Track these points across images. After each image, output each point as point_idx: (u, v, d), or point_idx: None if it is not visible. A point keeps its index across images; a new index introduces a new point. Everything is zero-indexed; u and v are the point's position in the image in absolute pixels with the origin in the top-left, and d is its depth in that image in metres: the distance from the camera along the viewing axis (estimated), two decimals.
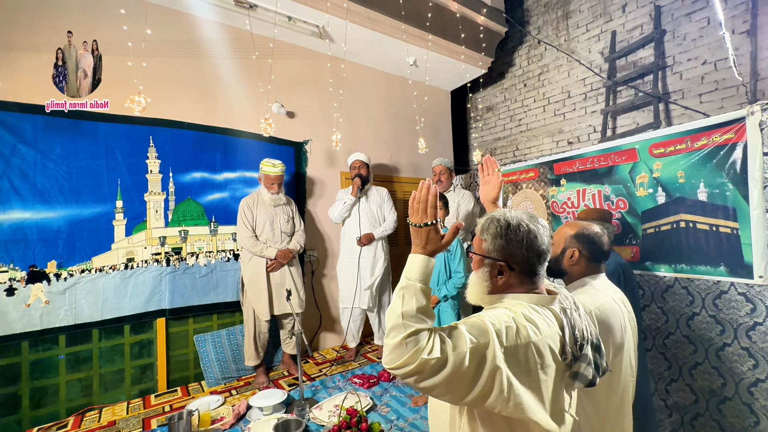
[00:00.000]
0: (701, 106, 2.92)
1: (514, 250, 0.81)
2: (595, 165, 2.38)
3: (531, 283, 0.83)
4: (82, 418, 2.17)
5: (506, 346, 0.70)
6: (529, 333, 0.73)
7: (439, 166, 3.04)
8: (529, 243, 0.81)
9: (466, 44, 3.56)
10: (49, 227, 2.22)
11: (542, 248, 0.82)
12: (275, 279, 2.60)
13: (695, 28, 2.94)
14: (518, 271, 0.82)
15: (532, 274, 0.83)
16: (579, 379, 0.80)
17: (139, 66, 2.22)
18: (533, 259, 0.81)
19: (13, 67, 2.15)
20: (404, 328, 0.70)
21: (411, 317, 0.71)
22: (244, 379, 2.65)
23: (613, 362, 1.08)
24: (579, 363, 0.80)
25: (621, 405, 1.10)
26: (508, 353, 0.69)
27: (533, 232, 0.82)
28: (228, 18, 2.81)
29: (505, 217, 0.84)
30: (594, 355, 0.82)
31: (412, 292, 0.75)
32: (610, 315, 1.09)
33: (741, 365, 1.70)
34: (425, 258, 0.79)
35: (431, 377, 0.67)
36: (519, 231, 0.81)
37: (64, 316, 2.23)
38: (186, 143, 2.67)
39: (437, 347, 0.68)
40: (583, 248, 1.21)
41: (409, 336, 0.69)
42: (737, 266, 1.75)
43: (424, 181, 0.83)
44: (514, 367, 0.70)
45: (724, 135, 1.80)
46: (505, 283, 0.83)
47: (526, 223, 0.82)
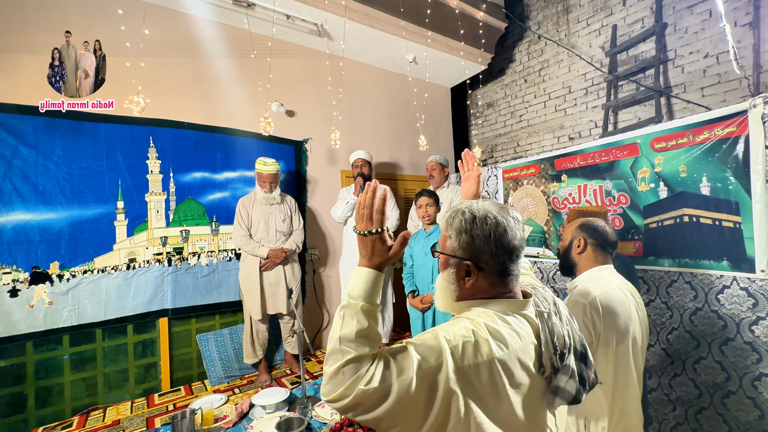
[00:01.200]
0: (703, 100, 2.90)
1: (481, 246, 0.70)
2: (596, 160, 2.36)
3: (503, 285, 0.72)
4: (87, 418, 2.18)
5: (464, 365, 0.61)
6: (491, 348, 0.63)
7: (432, 162, 3.04)
8: (497, 238, 0.70)
9: (466, 40, 3.54)
10: (51, 228, 2.23)
11: (513, 243, 0.71)
12: (269, 278, 2.60)
13: (697, 21, 2.92)
14: (488, 272, 0.71)
15: (504, 275, 0.72)
16: (560, 395, 0.70)
17: (138, 66, 2.23)
18: (504, 257, 0.70)
19: (13, 68, 2.16)
20: (341, 354, 0.61)
21: (349, 342, 0.62)
22: (247, 377, 2.66)
23: (618, 348, 1.10)
24: (560, 376, 0.70)
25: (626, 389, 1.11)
26: (465, 374, 0.60)
27: (502, 224, 0.70)
28: (226, 17, 2.80)
29: (471, 209, 0.73)
30: (578, 365, 0.72)
31: (353, 313, 0.65)
32: (615, 302, 1.11)
33: (744, 359, 1.69)
34: (371, 272, 0.68)
35: (373, 410, 0.58)
36: (486, 224, 0.70)
37: (68, 317, 2.24)
38: (186, 143, 2.68)
39: (378, 375, 0.59)
40: (588, 236, 1.25)
41: (347, 363, 0.60)
42: (740, 260, 1.74)
43: (370, 184, 0.72)
44: (476, 390, 0.61)
45: (726, 128, 1.79)
46: (473, 286, 0.72)
47: (494, 215, 0.71)
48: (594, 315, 1.07)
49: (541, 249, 2.73)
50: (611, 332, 1.09)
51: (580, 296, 1.12)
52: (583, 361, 0.73)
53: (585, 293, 1.12)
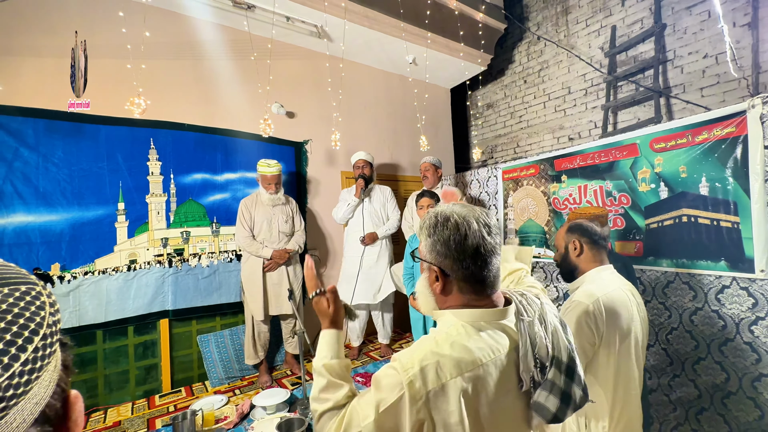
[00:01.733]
0: (703, 100, 2.90)
1: (442, 250, 0.68)
2: (596, 161, 2.37)
3: (472, 291, 0.68)
4: (88, 419, 2.18)
5: (428, 390, 0.58)
6: (457, 366, 0.60)
7: (425, 163, 3.05)
8: (457, 242, 0.66)
9: (465, 41, 3.55)
10: (52, 230, 2.23)
11: (475, 247, 0.66)
12: (272, 279, 2.60)
13: (696, 22, 2.92)
14: (454, 277, 0.68)
15: (472, 281, 0.68)
16: (538, 412, 0.64)
17: (139, 68, 2.23)
18: (467, 262, 0.66)
19: (13, 71, 2.17)
20: (314, 413, 0.72)
21: (314, 401, 0.72)
22: (248, 378, 2.66)
23: (620, 348, 1.11)
24: (540, 391, 0.65)
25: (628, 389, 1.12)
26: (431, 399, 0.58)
27: (463, 228, 0.66)
28: (226, 19, 2.81)
29: (437, 212, 0.71)
30: (563, 380, 0.66)
31: (317, 374, 0.75)
32: (617, 302, 1.13)
33: (744, 360, 1.69)
34: (327, 332, 0.81)
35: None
36: (446, 228, 0.68)
37: (69, 318, 2.24)
38: (186, 145, 2.68)
39: (343, 425, 0.64)
40: (580, 236, 1.28)
41: (318, 419, 0.70)
42: (738, 261, 1.74)
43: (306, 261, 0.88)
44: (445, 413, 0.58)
45: (725, 129, 1.79)
46: (443, 290, 0.70)
47: (456, 219, 0.68)
48: (597, 316, 1.08)
49: (542, 249, 2.73)
50: (614, 333, 1.10)
51: (583, 297, 1.13)
52: (569, 376, 0.67)
53: (588, 295, 1.13)
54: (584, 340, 1.08)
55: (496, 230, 0.70)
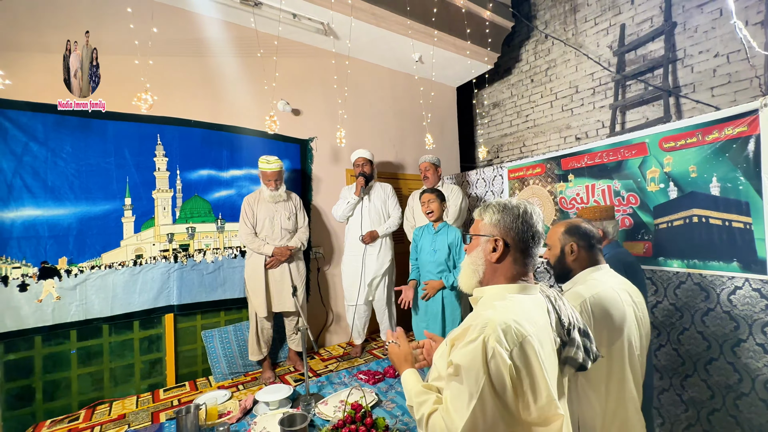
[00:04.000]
0: (713, 100, 2.86)
1: (510, 223, 0.85)
2: (604, 160, 2.34)
3: (523, 264, 0.86)
4: (93, 411, 2.21)
5: (511, 348, 0.71)
6: (525, 327, 0.74)
7: (425, 162, 3.02)
8: (525, 219, 0.85)
9: (472, 40, 3.53)
10: (59, 224, 2.25)
11: (537, 227, 0.86)
12: (274, 276, 2.60)
13: (707, 20, 2.88)
14: (513, 248, 0.85)
15: (526, 254, 0.85)
16: (569, 363, 0.82)
17: (146, 64, 2.25)
18: (528, 236, 0.85)
19: (23, 66, 2.19)
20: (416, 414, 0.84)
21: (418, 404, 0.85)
22: (251, 374, 2.67)
23: (611, 349, 1.08)
24: (568, 348, 0.82)
25: (621, 392, 1.09)
26: (515, 355, 0.71)
27: (529, 211, 0.86)
28: (233, 16, 2.82)
29: (505, 199, 0.91)
30: (583, 340, 0.84)
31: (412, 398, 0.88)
32: (607, 303, 1.10)
33: (757, 361, 1.66)
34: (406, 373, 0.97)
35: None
36: (517, 208, 0.87)
37: (75, 312, 2.27)
38: (193, 141, 2.70)
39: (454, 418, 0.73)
40: (578, 239, 1.26)
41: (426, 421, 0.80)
42: (750, 262, 1.71)
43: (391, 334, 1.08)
44: (525, 365, 0.71)
45: (737, 128, 1.76)
46: (498, 260, 0.86)
47: (524, 204, 0.88)
48: (585, 318, 1.06)
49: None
50: (603, 334, 1.07)
51: (571, 299, 1.10)
52: (586, 337, 0.85)
53: (576, 296, 1.11)
54: None
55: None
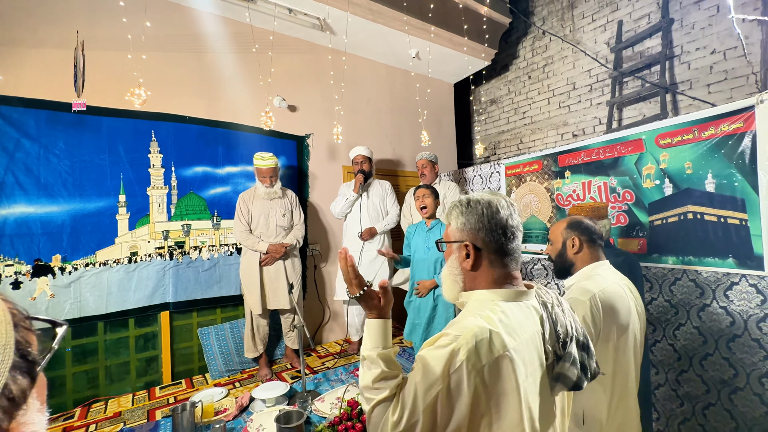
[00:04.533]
0: (710, 97, 2.86)
1: (475, 224, 0.77)
2: (601, 156, 2.34)
3: (501, 265, 0.76)
4: (89, 410, 2.19)
5: (483, 365, 0.63)
6: (505, 341, 0.66)
7: (422, 159, 3.01)
8: (489, 216, 0.76)
9: (469, 36, 3.51)
10: (53, 221, 2.23)
11: (505, 221, 0.76)
12: (269, 273, 2.59)
13: (704, 17, 2.88)
14: (485, 250, 0.76)
15: (502, 254, 0.76)
16: (561, 381, 0.72)
17: (139, 59, 2.22)
18: (498, 234, 0.75)
19: (15, 61, 2.16)
20: (366, 402, 0.71)
21: (369, 389, 0.71)
22: (248, 371, 2.67)
23: (618, 342, 1.10)
24: (562, 363, 0.73)
25: (626, 384, 1.12)
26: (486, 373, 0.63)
27: (493, 204, 0.77)
28: (227, 11, 2.79)
29: (467, 196, 0.81)
30: (580, 354, 0.75)
31: (368, 363, 0.74)
32: (614, 297, 1.12)
33: (752, 356, 1.68)
34: (377, 322, 0.78)
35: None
36: (478, 205, 0.78)
37: (70, 310, 2.25)
38: (188, 137, 2.67)
39: (403, 414, 0.65)
40: (579, 234, 1.27)
41: (372, 409, 0.69)
42: (746, 258, 1.72)
43: (341, 253, 0.81)
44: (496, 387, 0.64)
45: (733, 124, 1.76)
46: (474, 267, 0.77)
47: (487, 198, 0.78)
48: (594, 312, 1.07)
49: (544, 246, 2.71)
50: (612, 328, 1.09)
51: (579, 294, 1.11)
52: (585, 351, 0.76)
53: (584, 291, 1.11)
54: None
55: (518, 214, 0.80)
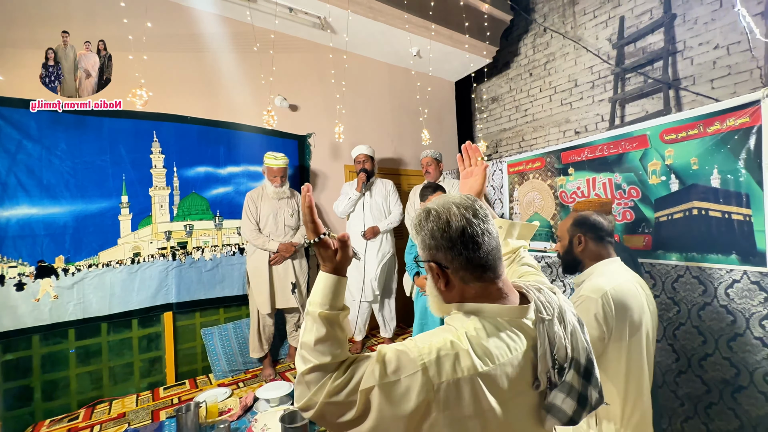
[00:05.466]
0: (713, 92, 2.84)
1: (430, 242, 0.67)
2: (605, 153, 2.33)
3: (477, 278, 0.65)
4: (93, 410, 2.20)
5: (441, 381, 0.55)
6: (473, 362, 0.57)
7: (426, 157, 3.00)
8: (442, 231, 0.65)
9: (470, 33, 3.50)
10: (55, 222, 2.23)
11: (461, 232, 0.64)
12: (278, 272, 2.59)
13: (707, 12, 2.86)
14: (453, 269, 0.66)
15: (472, 267, 0.65)
16: (554, 414, 0.63)
17: (141, 60, 2.22)
18: (458, 249, 0.64)
19: (16, 63, 2.16)
20: (303, 362, 0.61)
21: (309, 350, 0.62)
22: (251, 371, 2.67)
23: (631, 341, 1.08)
24: (556, 393, 0.63)
25: (640, 383, 1.10)
26: (443, 392, 0.55)
27: (442, 215, 0.66)
28: (228, 10, 2.78)
29: (419, 211, 0.72)
30: (581, 383, 0.64)
31: (312, 320, 0.64)
32: (627, 295, 1.10)
33: (754, 355, 1.66)
34: (328, 276, 0.68)
35: (341, 422, 0.57)
36: (428, 221, 0.68)
37: (73, 311, 2.25)
38: (189, 138, 2.67)
39: (341, 387, 0.57)
40: (586, 231, 1.25)
41: (309, 372, 0.60)
42: (749, 254, 1.70)
43: (304, 191, 0.70)
44: (455, 411, 0.55)
45: (739, 119, 1.75)
46: (447, 285, 0.68)
47: (436, 211, 0.67)
48: (606, 310, 1.05)
49: (548, 243, 2.70)
50: (624, 326, 1.07)
51: (591, 291, 1.09)
52: (586, 378, 0.65)
53: (596, 288, 1.09)
54: (593, 336, 1.05)
55: (483, 212, 0.67)
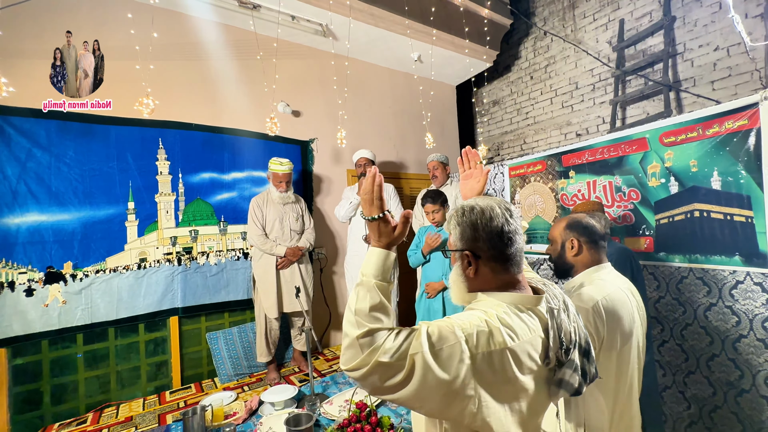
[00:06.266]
0: (714, 94, 2.85)
1: (471, 234, 0.77)
2: (605, 156, 2.34)
3: (504, 271, 0.76)
4: (101, 414, 2.23)
5: (477, 353, 0.64)
6: (504, 338, 0.66)
7: (433, 161, 3.03)
8: (484, 224, 0.76)
9: (471, 38, 3.53)
10: (64, 229, 2.27)
11: (501, 228, 0.75)
12: (285, 277, 2.62)
13: (706, 14, 2.87)
14: (486, 258, 0.76)
15: (502, 260, 0.76)
16: (563, 387, 0.74)
17: (147, 69, 2.26)
18: (495, 241, 0.75)
19: (26, 73, 2.21)
20: (357, 326, 0.66)
21: (364, 316, 0.67)
22: (256, 375, 2.69)
23: (622, 351, 1.07)
24: (564, 369, 0.74)
25: (630, 392, 1.10)
26: (479, 361, 0.64)
27: (487, 213, 0.76)
28: (232, 19, 2.83)
29: (463, 204, 0.81)
30: (582, 360, 0.77)
31: (366, 289, 0.71)
32: (618, 304, 1.08)
33: (757, 357, 1.66)
34: (381, 251, 0.75)
35: (388, 384, 0.63)
36: (472, 214, 0.78)
37: (81, 316, 2.29)
38: (194, 144, 2.71)
39: (393, 349, 0.63)
40: (579, 235, 1.23)
41: (364, 336, 0.65)
42: (752, 255, 1.71)
43: (370, 170, 0.77)
44: (488, 377, 0.65)
45: (737, 121, 1.76)
46: (477, 274, 0.78)
47: (480, 206, 0.78)
48: (597, 320, 1.03)
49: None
50: (615, 336, 1.05)
51: (581, 302, 1.07)
52: (585, 357, 0.78)
53: (586, 298, 1.07)
54: None
55: (517, 215, 0.79)
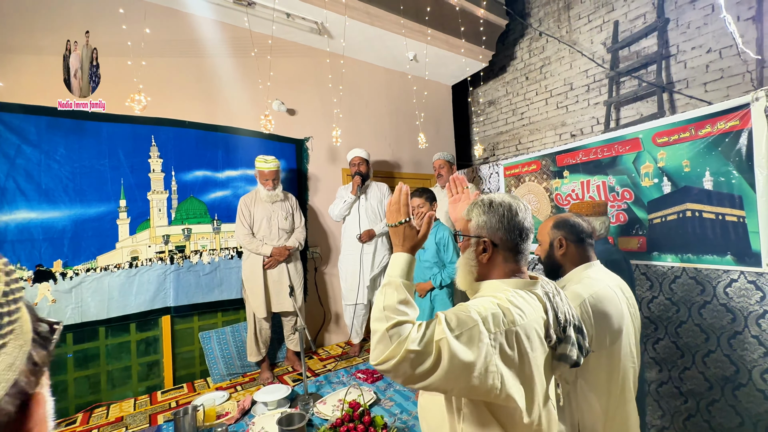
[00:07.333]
0: (706, 95, 2.88)
1: (496, 224, 0.85)
2: (599, 156, 2.35)
3: (514, 261, 0.86)
4: (91, 415, 2.20)
5: (495, 332, 0.71)
6: (515, 318, 0.74)
7: (439, 160, 3.03)
8: (510, 218, 0.85)
9: (466, 38, 3.54)
10: (54, 227, 2.24)
11: (523, 224, 0.85)
12: (273, 276, 2.60)
13: (699, 16, 2.90)
14: (501, 247, 0.85)
15: (516, 252, 0.85)
16: (564, 360, 0.82)
17: (139, 65, 2.24)
18: (515, 234, 0.84)
19: (15, 69, 2.18)
20: (386, 320, 0.71)
21: (393, 310, 0.73)
22: (249, 375, 2.67)
23: (612, 349, 1.06)
24: (564, 345, 0.82)
25: (622, 392, 1.09)
26: (497, 339, 0.71)
27: (514, 208, 0.86)
28: (226, 16, 2.81)
29: (489, 197, 0.90)
30: (577, 336, 0.85)
31: (394, 288, 0.77)
32: (605, 302, 1.07)
33: (752, 353, 1.68)
34: (405, 255, 0.83)
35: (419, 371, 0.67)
36: (500, 207, 0.86)
37: (71, 315, 2.25)
38: (188, 142, 2.69)
39: (420, 338, 0.68)
40: (566, 233, 1.24)
41: (392, 327, 0.70)
42: (744, 255, 1.72)
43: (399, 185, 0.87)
44: (505, 353, 0.71)
45: (729, 122, 1.77)
46: (489, 260, 0.86)
47: (508, 201, 0.87)
48: (585, 319, 1.02)
49: None
50: (604, 334, 1.04)
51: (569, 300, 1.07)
52: (579, 333, 0.86)
53: (574, 296, 1.07)
54: None
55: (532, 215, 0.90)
